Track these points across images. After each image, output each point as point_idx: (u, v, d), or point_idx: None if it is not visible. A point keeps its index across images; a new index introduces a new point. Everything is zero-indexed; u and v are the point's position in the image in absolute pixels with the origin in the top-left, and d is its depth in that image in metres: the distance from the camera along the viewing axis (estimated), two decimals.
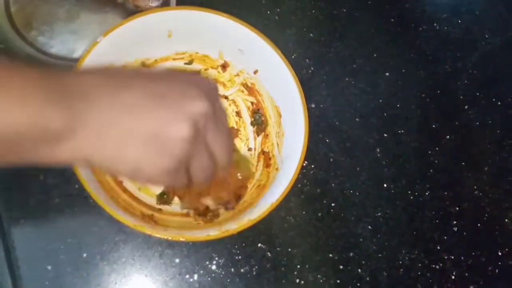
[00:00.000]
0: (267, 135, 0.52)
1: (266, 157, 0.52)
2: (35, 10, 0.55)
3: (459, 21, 0.67)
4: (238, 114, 0.55)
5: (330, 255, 0.53)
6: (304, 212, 0.54)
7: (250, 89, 0.53)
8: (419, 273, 0.55)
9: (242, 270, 0.51)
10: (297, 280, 0.52)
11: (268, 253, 0.52)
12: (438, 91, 0.63)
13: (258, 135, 0.54)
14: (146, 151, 0.30)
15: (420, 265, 0.55)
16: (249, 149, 0.54)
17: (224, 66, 0.53)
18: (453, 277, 0.55)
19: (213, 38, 0.50)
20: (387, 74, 0.63)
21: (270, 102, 0.51)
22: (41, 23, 0.54)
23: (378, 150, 0.59)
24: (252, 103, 0.54)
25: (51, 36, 0.54)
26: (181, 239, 0.41)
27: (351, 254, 0.54)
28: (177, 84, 0.33)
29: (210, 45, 0.51)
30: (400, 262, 0.55)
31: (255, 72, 0.51)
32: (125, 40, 0.46)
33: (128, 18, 0.45)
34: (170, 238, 0.40)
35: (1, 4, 0.54)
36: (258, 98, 0.53)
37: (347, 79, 0.61)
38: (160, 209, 0.48)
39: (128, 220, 0.40)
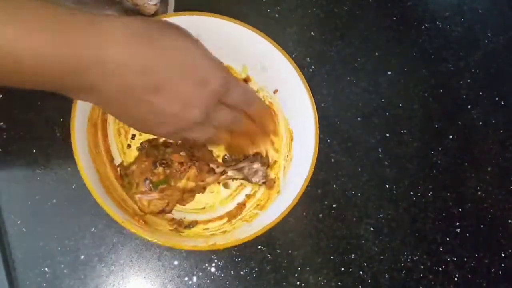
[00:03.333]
0: None
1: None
2: None
3: (462, 19, 0.67)
4: None
5: (331, 257, 0.53)
6: (304, 214, 0.54)
7: None
8: (421, 275, 0.54)
9: (241, 273, 0.50)
10: (298, 283, 0.51)
11: (268, 255, 0.51)
12: (441, 90, 0.63)
13: None
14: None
15: (422, 267, 0.54)
16: None
17: (245, 80, 0.51)
18: (456, 279, 0.55)
19: (238, 50, 0.48)
20: (389, 73, 0.62)
21: (284, 123, 0.50)
22: None
23: (380, 150, 0.58)
24: None
25: None
26: (167, 244, 0.40)
27: (353, 256, 0.53)
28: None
29: (234, 57, 0.49)
30: (402, 264, 0.54)
31: (275, 91, 0.50)
32: None
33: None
34: (156, 241, 0.39)
35: None
36: (273, 118, 0.51)
37: (348, 78, 0.61)
38: (152, 211, 0.47)
39: (117, 215, 0.38)
